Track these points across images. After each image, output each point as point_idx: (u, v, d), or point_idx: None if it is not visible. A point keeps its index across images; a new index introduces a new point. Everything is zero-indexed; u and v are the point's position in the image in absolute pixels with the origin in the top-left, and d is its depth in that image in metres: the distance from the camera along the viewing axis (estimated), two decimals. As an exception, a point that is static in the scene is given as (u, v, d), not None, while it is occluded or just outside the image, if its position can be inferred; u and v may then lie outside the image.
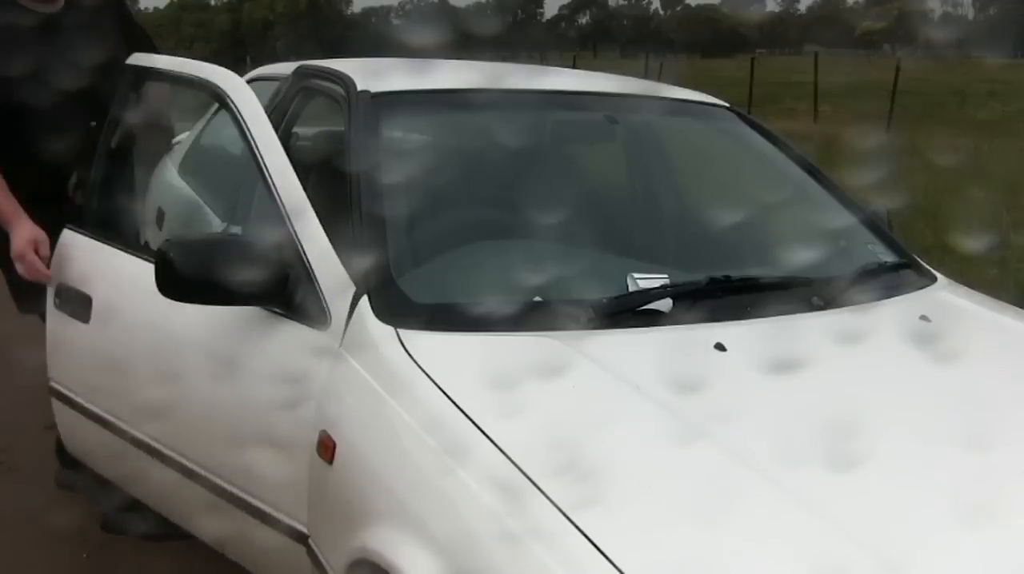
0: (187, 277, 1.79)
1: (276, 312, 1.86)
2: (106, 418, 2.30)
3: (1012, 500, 1.34)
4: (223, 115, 2.26)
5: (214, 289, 1.79)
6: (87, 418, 2.37)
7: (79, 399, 2.40)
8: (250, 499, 1.90)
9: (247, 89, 2.16)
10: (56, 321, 2.46)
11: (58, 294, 2.46)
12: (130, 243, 2.43)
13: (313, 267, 1.83)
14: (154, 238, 2.50)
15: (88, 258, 2.44)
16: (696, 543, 1.22)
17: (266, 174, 1.97)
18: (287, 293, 1.83)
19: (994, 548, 1.26)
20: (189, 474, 2.05)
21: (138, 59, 2.59)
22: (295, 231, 1.87)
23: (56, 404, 2.51)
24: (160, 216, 2.63)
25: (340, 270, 1.82)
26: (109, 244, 2.41)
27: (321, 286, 1.81)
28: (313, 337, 1.79)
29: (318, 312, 1.80)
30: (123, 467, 2.35)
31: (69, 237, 2.49)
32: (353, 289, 1.79)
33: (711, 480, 1.33)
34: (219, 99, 2.23)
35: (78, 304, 2.37)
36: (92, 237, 2.46)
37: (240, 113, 2.10)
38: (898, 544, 1.23)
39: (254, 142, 2.03)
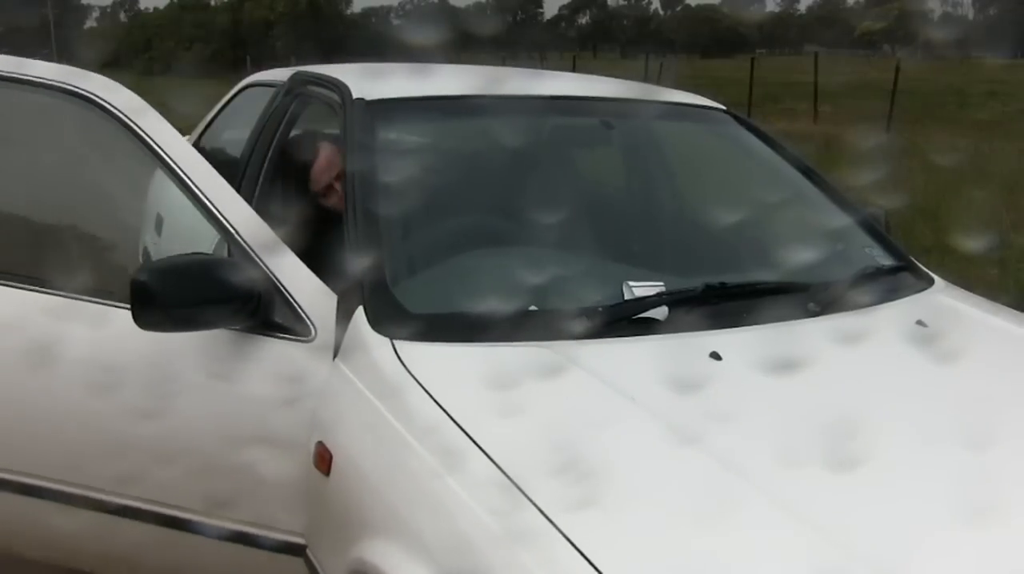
0: (169, 305, 1.70)
1: (251, 331, 1.78)
2: None
3: (1010, 505, 1.34)
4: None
5: (199, 315, 1.72)
6: None
7: None
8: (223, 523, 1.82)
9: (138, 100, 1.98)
10: None
11: None
12: None
13: (280, 278, 1.79)
14: (153, 244, 2.47)
15: None
16: (687, 553, 1.22)
17: (204, 197, 1.87)
18: (262, 309, 1.77)
19: (992, 555, 1.26)
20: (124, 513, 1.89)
21: None
22: (249, 245, 1.80)
23: None
24: (159, 222, 2.61)
25: (311, 277, 1.80)
26: None
27: (294, 296, 1.78)
28: (298, 349, 1.77)
29: (297, 324, 1.77)
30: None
31: None
32: (334, 296, 1.79)
33: (704, 489, 1.33)
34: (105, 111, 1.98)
35: None
36: None
37: (146, 131, 1.94)
38: (893, 553, 1.23)
39: (179, 167, 1.91)
